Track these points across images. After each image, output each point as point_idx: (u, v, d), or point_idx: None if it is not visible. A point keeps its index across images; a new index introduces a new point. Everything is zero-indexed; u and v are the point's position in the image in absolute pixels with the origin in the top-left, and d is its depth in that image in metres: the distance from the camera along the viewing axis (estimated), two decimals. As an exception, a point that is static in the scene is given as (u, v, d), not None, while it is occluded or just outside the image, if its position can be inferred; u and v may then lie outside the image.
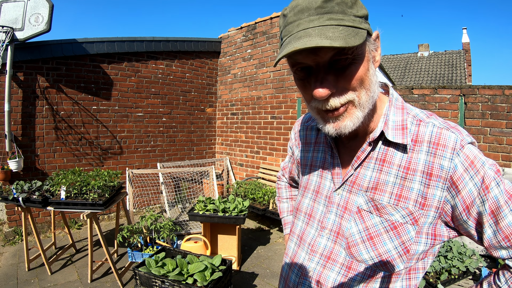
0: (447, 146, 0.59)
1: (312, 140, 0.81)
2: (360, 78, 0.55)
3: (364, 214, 0.64)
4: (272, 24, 4.52)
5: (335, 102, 0.56)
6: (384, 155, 0.64)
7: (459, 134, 0.60)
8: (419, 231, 0.61)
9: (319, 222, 0.72)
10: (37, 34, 3.24)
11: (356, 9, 0.53)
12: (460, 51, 14.16)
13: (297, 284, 0.73)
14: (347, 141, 0.71)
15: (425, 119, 0.63)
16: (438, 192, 0.59)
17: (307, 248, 0.73)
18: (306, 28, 0.51)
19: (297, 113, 4.21)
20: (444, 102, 3.12)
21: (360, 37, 0.51)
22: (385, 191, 0.63)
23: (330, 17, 0.51)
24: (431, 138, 0.60)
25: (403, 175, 0.62)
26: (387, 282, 0.65)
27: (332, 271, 0.67)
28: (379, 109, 0.66)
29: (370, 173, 0.65)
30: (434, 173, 0.59)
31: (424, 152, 0.60)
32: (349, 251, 0.66)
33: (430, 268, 2.40)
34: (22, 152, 3.48)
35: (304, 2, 0.52)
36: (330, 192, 0.71)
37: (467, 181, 0.57)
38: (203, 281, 1.91)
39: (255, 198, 3.99)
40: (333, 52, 0.52)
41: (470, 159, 0.58)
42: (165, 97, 4.79)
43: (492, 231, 0.57)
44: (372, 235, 0.63)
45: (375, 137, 0.64)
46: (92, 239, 2.50)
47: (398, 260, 0.62)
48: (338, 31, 0.50)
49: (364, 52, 0.56)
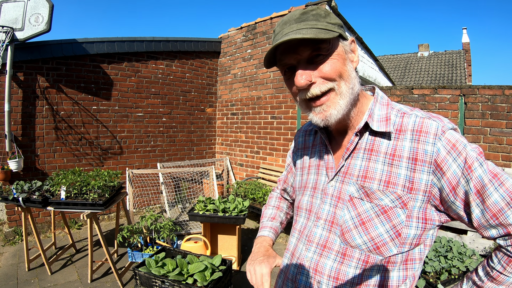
0: (429, 132, 0.63)
1: (310, 143, 0.88)
2: (337, 70, 0.64)
3: (356, 201, 0.68)
4: (272, 24, 4.52)
5: (315, 90, 0.64)
6: (371, 145, 0.70)
7: (440, 121, 0.65)
8: (409, 215, 0.64)
9: (315, 214, 0.76)
10: (37, 34, 3.24)
11: (329, 19, 0.65)
12: (460, 51, 14.16)
13: (296, 274, 0.76)
14: (339, 137, 0.77)
15: (408, 111, 0.69)
16: (424, 176, 0.63)
17: (305, 239, 0.76)
18: (287, 32, 0.63)
19: (297, 113, 4.21)
20: (444, 102, 3.12)
21: (330, 34, 0.61)
22: (374, 178, 0.67)
23: (306, 23, 0.63)
24: (414, 126, 0.66)
25: (390, 161, 0.66)
26: (383, 270, 0.67)
27: (329, 259, 0.70)
28: (365, 106, 0.73)
29: (360, 162, 0.70)
30: (419, 158, 0.63)
31: (408, 140, 0.66)
32: (343, 237, 0.69)
33: (430, 268, 2.40)
34: (22, 152, 3.48)
35: (287, 17, 0.66)
36: (325, 185, 0.76)
37: (450, 162, 0.61)
38: (203, 281, 1.91)
39: (255, 198, 3.99)
40: (311, 49, 0.62)
41: (452, 142, 0.62)
42: (165, 97, 4.79)
43: (480, 210, 0.60)
44: (364, 220, 0.66)
45: (360, 128, 0.70)
46: (92, 239, 2.50)
47: (391, 244, 0.65)
48: (311, 30, 0.61)
49: (339, 51, 0.65)
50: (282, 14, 4.37)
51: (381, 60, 15.42)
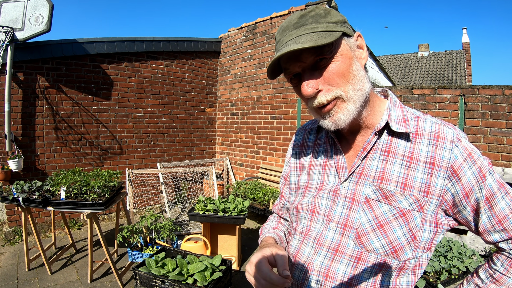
0: (446, 138, 0.64)
1: (310, 142, 0.84)
2: (342, 74, 0.62)
3: (373, 203, 0.66)
4: (272, 24, 4.52)
5: (321, 99, 0.63)
6: (388, 146, 0.68)
7: (454, 130, 0.66)
8: (424, 218, 0.64)
9: (325, 216, 0.72)
10: (37, 34, 3.24)
11: (330, 17, 0.62)
12: (460, 51, 14.15)
13: (302, 279, 0.72)
14: (350, 136, 0.74)
15: (422, 116, 0.70)
16: (439, 180, 0.64)
17: (313, 242, 0.72)
18: (286, 41, 0.62)
19: (297, 113, 4.21)
20: (444, 102, 3.12)
21: (332, 37, 0.59)
22: (391, 180, 0.66)
23: (305, 28, 0.60)
24: (431, 131, 0.66)
25: (407, 164, 0.66)
26: (396, 275, 0.66)
27: (341, 264, 0.67)
28: (380, 106, 0.72)
29: (376, 163, 0.68)
30: (436, 162, 0.64)
31: (425, 144, 0.65)
32: (359, 240, 0.66)
33: (430, 268, 2.40)
34: (22, 152, 3.48)
35: (285, 22, 0.64)
36: (336, 185, 0.72)
37: (466, 170, 0.63)
38: (203, 281, 1.91)
39: (255, 198, 3.99)
40: (313, 55, 0.61)
41: (468, 151, 0.64)
42: (165, 97, 4.79)
43: (487, 216, 0.64)
44: (382, 223, 0.65)
45: (380, 127, 0.68)
46: (92, 239, 2.50)
47: (407, 247, 0.64)
48: (310, 36, 0.59)
49: (343, 51, 0.63)
50: (282, 14, 4.38)
51: (381, 60, 15.42)
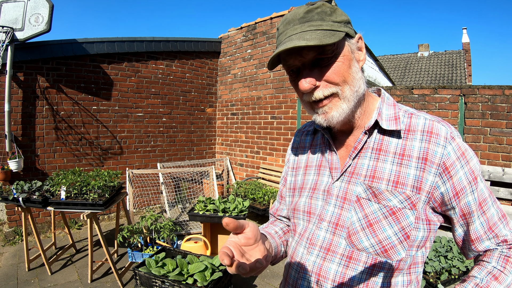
0: (440, 134, 0.64)
1: (307, 144, 0.85)
2: (341, 74, 0.63)
3: (363, 202, 0.66)
4: (272, 24, 4.52)
5: (318, 94, 0.64)
6: (379, 144, 0.69)
7: (448, 127, 0.66)
8: (418, 216, 0.64)
9: (317, 216, 0.73)
10: (37, 34, 3.24)
11: (335, 16, 0.62)
12: (460, 51, 14.15)
13: (296, 279, 0.73)
14: (344, 136, 0.75)
15: (415, 112, 0.70)
16: (430, 177, 0.63)
17: (306, 242, 0.73)
18: (290, 35, 0.62)
19: (297, 113, 4.21)
20: (444, 102, 3.12)
21: (336, 37, 0.59)
22: (382, 178, 0.66)
23: (310, 24, 0.61)
24: (424, 127, 0.66)
25: (399, 161, 0.65)
26: (390, 275, 0.66)
27: (333, 263, 0.68)
28: (372, 105, 0.72)
29: (368, 161, 0.68)
30: (428, 158, 0.63)
31: (418, 140, 0.65)
32: (349, 240, 0.66)
33: (430, 268, 2.40)
34: (22, 152, 3.48)
35: (290, 15, 0.64)
36: (329, 185, 0.73)
37: (458, 168, 0.63)
38: (203, 281, 1.91)
39: (255, 198, 3.99)
40: (315, 52, 0.61)
41: (462, 150, 0.64)
42: (165, 97, 4.79)
43: (480, 222, 0.64)
44: (371, 221, 0.64)
45: (369, 126, 0.69)
46: (92, 239, 2.50)
47: (399, 247, 0.64)
48: (315, 34, 0.59)
49: (345, 52, 0.63)
50: (282, 14, 4.38)
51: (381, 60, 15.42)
